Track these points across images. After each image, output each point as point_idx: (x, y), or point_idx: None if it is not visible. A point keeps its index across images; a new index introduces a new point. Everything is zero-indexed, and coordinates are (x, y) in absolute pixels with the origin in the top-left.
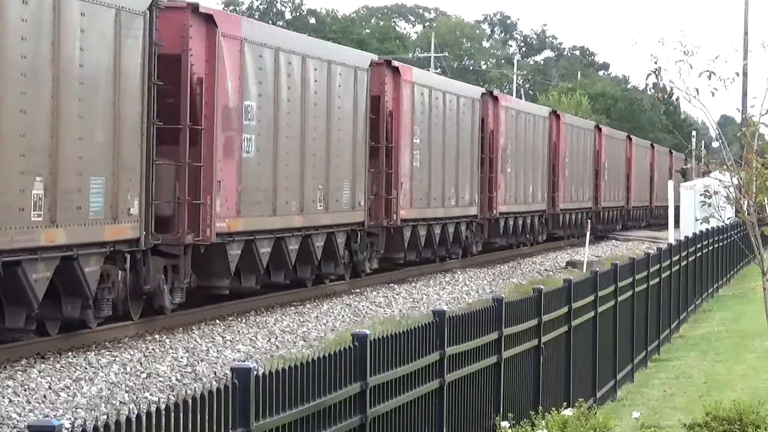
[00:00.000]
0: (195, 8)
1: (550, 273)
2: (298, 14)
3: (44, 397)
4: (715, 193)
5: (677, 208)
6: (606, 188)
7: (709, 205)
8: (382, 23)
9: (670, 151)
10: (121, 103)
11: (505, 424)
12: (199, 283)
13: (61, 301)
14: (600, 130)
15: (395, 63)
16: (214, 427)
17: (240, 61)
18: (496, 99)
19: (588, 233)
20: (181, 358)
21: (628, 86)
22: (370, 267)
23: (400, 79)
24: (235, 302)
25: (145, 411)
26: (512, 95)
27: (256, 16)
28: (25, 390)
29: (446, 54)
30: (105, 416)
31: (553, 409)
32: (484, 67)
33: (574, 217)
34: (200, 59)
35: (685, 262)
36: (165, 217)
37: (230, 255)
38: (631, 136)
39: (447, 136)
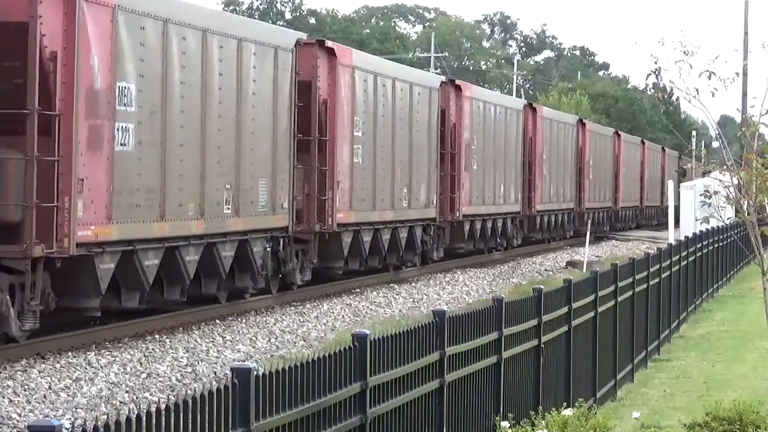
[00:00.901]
0: None
1: (550, 273)
2: (298, 14)
3: (44, 397)
4: (715, 193)
5: (677, 208)
6: (591, 188)
7: (709, 205)
8: (382, 23)
9: (663, 148)
10: None
11: (505, 424)
12: (62, 304)
13: None
14: (584, 125)
15: (330, 44)
16: (214, 427)
17: (111, 33)
18: (458, 88)
19: (588, 233)
20: (181, 358)
21: (628, 86)
22: (302, 279)
23: (336, 62)
24: (235, 302)
25: (145, 411)
26: (512, 95)
27: (256, 16)
28: (25, 390)
29: (446, 54)
30: (105, 416)
31: (553, 409)
32: (484, 67)
33: (553, 218)
34: (55, 29)
35: (685, 262)
36: (11, 223)
37: (100, 269)
38: (619, 132)
39: (397, 129)
